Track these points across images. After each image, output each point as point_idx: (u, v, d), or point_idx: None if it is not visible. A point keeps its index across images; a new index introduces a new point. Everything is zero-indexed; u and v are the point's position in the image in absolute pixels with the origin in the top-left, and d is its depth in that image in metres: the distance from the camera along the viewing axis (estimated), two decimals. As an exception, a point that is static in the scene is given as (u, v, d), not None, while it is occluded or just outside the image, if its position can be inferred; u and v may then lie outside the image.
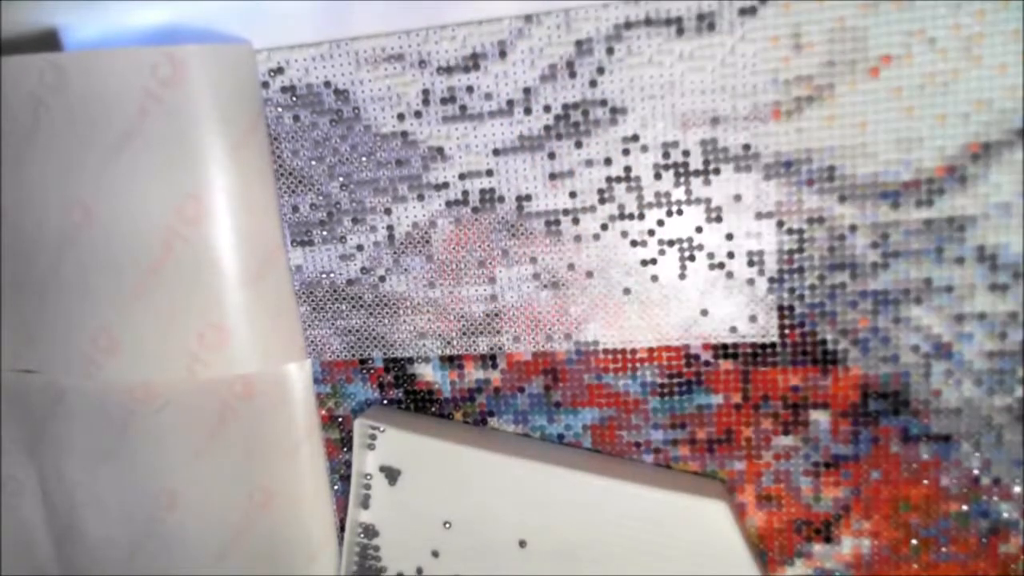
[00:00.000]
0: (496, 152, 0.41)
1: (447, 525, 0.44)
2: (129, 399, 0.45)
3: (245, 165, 0.42)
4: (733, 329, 0.40)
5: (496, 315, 0.43)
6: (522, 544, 0.43)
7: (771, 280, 0.39)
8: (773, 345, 0.40)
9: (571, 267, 0.41)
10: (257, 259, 0.43)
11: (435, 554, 0.45)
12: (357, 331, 0.45)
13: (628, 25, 0.38)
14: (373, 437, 0.44)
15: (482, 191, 0.41)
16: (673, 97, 0.38)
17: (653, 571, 0.41)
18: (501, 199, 0.41)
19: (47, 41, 0.44)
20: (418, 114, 0.41)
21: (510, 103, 0.40)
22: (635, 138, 0.39)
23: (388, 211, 0.42)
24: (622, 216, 0.40)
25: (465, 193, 0.41)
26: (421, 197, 0.42)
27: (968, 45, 0.35)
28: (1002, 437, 0.39)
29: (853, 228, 0.38)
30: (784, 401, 0.40)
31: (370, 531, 0.46)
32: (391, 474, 0.45)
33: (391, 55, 0.40)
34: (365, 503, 0.46)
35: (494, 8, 0.39)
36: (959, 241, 0.37)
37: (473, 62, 0.40)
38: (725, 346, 0.40)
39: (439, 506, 0.44)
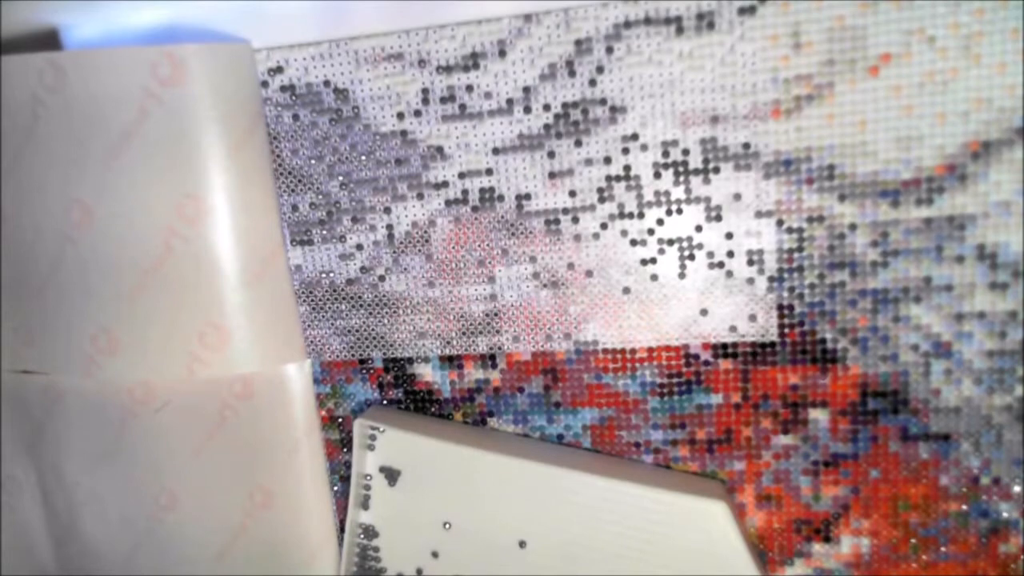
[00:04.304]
0: (496, 151, 0.41)
1: (447, 526, 0.44)
2: (128, 399, 0.45)
3: (245, 165, 0.42)
4: (733, 328, 0.40)
5: (496, 315, 0.43)
6: (522, 544, 0.43)
7: (771, 279, 0.39)
8: (773, 344, 0.40)
9: (571, 266, 0.41)
10: (257, 259, 0.43)
11: (435, 555, 0.45)
12: (357, 331, 0.45)
13: (627, 24, 0.38)
14: (373, 438, 0.44)
15: (482, 190, 0.41)
16: (673, 96, 0.38)
17: (653, 571, 0.41)
18: (501, 198, 0.41)
19: (47, 41, 0.44)
20: (418, 113, 0.41)
21: (510, 102, 0.40)
22: (635, 137, 0.39)
23: (388, 210, 0.42)
24: (622, 215, 0.40)
25: (465, 192, 0.41)
26: (421, 196, 0.42)
27: (967, 44, 0.35)
28: (1002, 436, 0.39)
29: (853, 227, 0.38)
30: (784, 400, 0.40)
31: (370, 532, 0.46)
32: (391, 475, 0.45)
33: (391, 54, 0.40)
34: (365, 504, 0.46)
35: (494, 7, 0.39)
36: (959, 240, 0.37)
37: (473, 61, 0.40)
38: (725, 345, 0.40)
39: (439, 507, 0.44)
